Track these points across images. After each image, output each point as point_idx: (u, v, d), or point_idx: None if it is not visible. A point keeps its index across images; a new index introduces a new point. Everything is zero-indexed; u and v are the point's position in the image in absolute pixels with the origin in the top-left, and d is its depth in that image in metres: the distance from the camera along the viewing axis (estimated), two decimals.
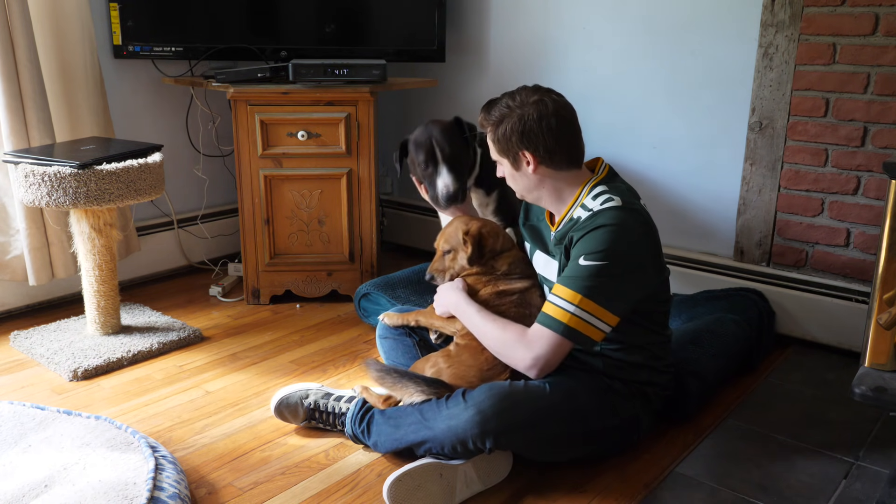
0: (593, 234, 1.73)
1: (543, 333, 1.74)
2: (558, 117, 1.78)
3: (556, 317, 1.73)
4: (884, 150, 2.36)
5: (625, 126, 2.87)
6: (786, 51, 2.46)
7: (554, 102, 1.79)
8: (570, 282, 1.73)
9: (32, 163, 2.27)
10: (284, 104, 2.72)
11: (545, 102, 1.78)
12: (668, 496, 1.77)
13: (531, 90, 1.82)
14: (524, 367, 1.77)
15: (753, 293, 2.59)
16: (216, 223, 3.37)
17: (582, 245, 1.74)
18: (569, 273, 1.75)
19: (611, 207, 1.76)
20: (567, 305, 1.72)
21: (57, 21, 2.63)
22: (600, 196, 1.80)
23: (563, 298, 1.72)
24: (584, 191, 1.84)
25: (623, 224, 1.74)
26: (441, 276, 2.05)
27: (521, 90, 1.83)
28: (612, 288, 1.72)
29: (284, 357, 2.49)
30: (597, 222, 1.74)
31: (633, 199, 1.83)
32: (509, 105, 1.80)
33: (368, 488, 1.79)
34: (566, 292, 1.72)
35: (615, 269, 1.72)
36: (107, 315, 2.53)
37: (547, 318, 1.75)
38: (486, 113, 1.85)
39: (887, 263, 1.66)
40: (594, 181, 1.84)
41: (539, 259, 1.97)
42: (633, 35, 2.78)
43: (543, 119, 1.77)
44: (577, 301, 1.71)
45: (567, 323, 1.71)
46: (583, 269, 1.72)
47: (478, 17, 3.18)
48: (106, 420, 1.96)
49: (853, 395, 1.66)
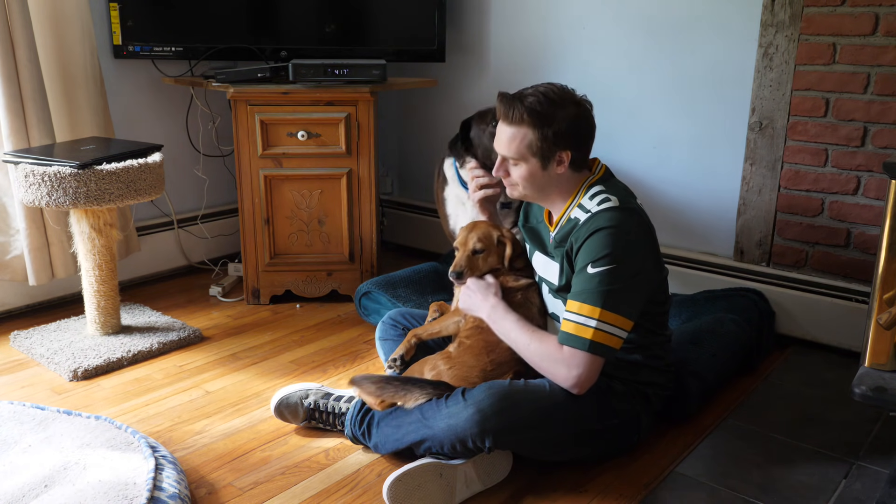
0: (594, 238, 1.73)
1: (576, 354, 1.72)
2: (592, 116, 1.82)
3: (580, 335, 1.71)
4: (884, 150, 2.36)
5: (625, 126, 2.87)
6: (786, 51, 2.46)
7: (586, 100, 1.81)
8: (586, 296, 1.72)
9: (32, 163, 2.27)
10: (284, 104, 2.72)
11: (583, 103, 1.80)
12: (668, 496, 1.77)
13: (558, 88, 1.79)
14: (566, 385, 1.76)
15: (753, 293, 2.59)
16: (216, 223, 3.37)
17: (586, 252, 1.74)
18: (581, 287, 1.73)
19: (608, 208, 1.76)
20: (588, 321, 1.71)
21: (57, 21, 2.63)
22: (597, 196, 1.80)
23: (584, 315, 1.71)
24: (581, 190, 1.84)
25: (621, 225, 1.74)
26: (470, 274, 2.02)
27: (547, 88, 1.78)
28: (624, 293, 1.72)
29: (284, 357, 2.49)
30: (596, 225, 1.74)
31: (629, 198, 1.83)
32: (552, 102, 1.75)
33: (368, 488, 1.79)
34: (585, 308, 1.71)
35: (623, 272, 1.72)
36: (107, 315, 2.53)
37: (572, 339, 1.73)
38: (519, 109, 1.76)
39: (887, 263, 1.66)
40: (591, 180, 1.85)
41: (538, 260, 1.97)
42: (633, 35, 2.78)
43: (585, 119, 1.79)
44: (597, 315, 1.70)
45: (592, 339, 1.71)
46: (593, 279, 1.71)
47: (478, 17, 3.18)
48: (106, 420, 1.96)
49: (853, 395, 1.66)
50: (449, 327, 2.04)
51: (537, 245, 1.99)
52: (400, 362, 2.02)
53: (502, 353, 1.88)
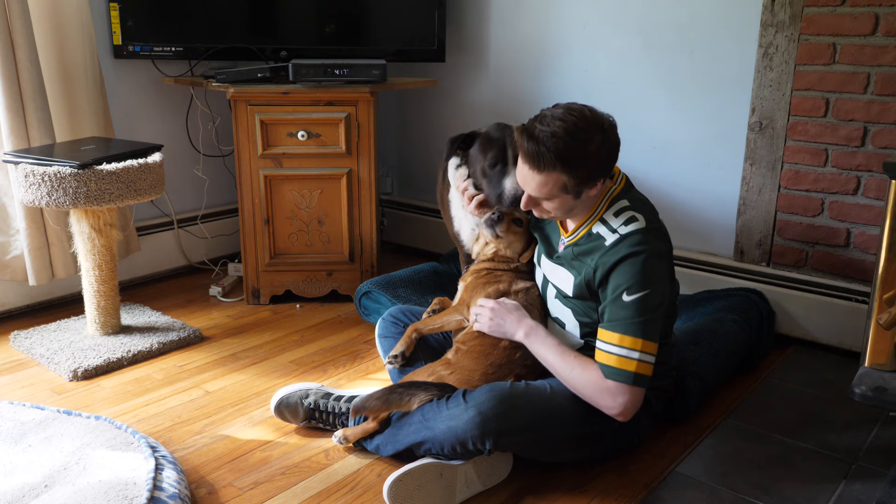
0: (628, 265, 1.70)
1: (619, 388, 1.70)
2: (618, 137, 1.74)
3: (625, 368, 1.69)
4: (884, 150, 2.36)
5: (625, 126, 2.82)
6: (786, 51, 2.46)
7: (609, 116, 1.72)
8: (626, 327, 1.69)
9: (32, 163, 2.27)
10: (284, 104, 2.72)
11: (609, 127, 1.70)
12: (668, 496, 1.77)
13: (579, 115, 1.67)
14: (612, 414, 1.74)
15: (753, 293, 2.59)
16: (216, 223, 3.37)
17: (619, 279, 1.70)
18: (618, 316, 1.71)
19: (637, 230, 1.73)
20: (631, 353, 1.69)
21: (57, 21, 2.63)
22: (623, 213, 1.77)
23: (626, 347, 1.69)
24: (603, 203, 1.80)
25: (654, 250, 1.72)
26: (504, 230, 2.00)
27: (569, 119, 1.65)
28: (657, 319, 1.72)
29: (284, 357, 2.49)
30: (627, 250, 1.71)
31: (653, 214, 1.80)
32: (579, 141, 1.65)
33: (368, 488, 1.79)
34: (627, 340, 1.69)
35: (655, 296, 1.70)
36: (107, 315, 2.53)
37: (617, 372, 1.70)
38: (548, 157, 1.65)
39: (887, 263, 1.66)
40: (615, 192, 1.81)
41: (545, 263, 1.96)
42: (633, 35, 2.78)
43: (614, 145, 1.72)
44: (639, 346, 1.69)
45: (636, 371, 1.69)
46: (630, 307, 1.69)
47: (478, 17, 3.18)
48: (106, 420, 1.96)
49: (853, 395, 1.67)
50: (451, 322, 2.03)
51: (545, 245, 1.98)
52: (401, 359, 2.01)
53: (502, 356, 1.88)
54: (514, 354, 1.88)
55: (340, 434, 1.90)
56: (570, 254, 1.85)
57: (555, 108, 1.71)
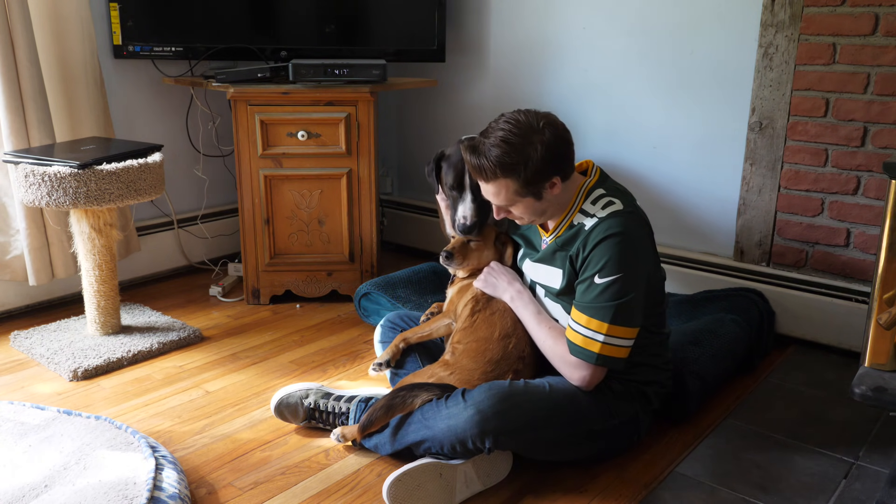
0: (604, 246, 1.72)
1: (580, 363, 1.76)
2: (562, 128, 1.76)
3: (588, 348, 1.74)
4: (884, 150, 2.36)
5: (625, 126, 2.87)
6: (786, 51, 2.46)
7: (547, 116, 1.75)
8: (594, 311, 1.73)
9: (32, 163, 2.27)
10: (284, 104, 2.72)
11: (545, 126, 1.72)
12: (668, 496, 1.77)
13: (515, 122, 1.72)
14: (574, 384, 1.80)
15: (753, 293, 2.59)
16: (216, 223, 3.37)
17: (595, 260, 1.74)
18: (588, 298, 1.74)
19: (615, 213, 1.76)
20: (596, 335, 1.73)
21: (57, 21, 2.63)
22: (600, 200, 1.80)
23: (592, 329, 1.73)
24: (579, 196, 1.83)
25: (630, 231, 1.74)
26: (460, 262, 2.04)
27: (506, 128, 1.71)
28: (630, 304, 1.73)
29: (284, 357, 2.49)
30: (605, 231, 1.73)
31: (630, 199, 1.84)
32: (516, 146, 1.69)
33: (368, 488, 1.79)
34: (593, 323, 1.73)
35: (630, 280, 1.72)
36: (107, 315, 2.53)
37: (580, 351, 1.76)
38: (489, 167, 1.71)
39: (887, 263, 1.66)
40: (588, 185, 1.84)
41: (528, 265, 1.98)
42: (632, 35, 2.78)
43: (556, 141, 1.73)
44: (604, 330, 1.72)
45: (600, 353, 1.74)
46: (601, 289, 1.72)
47: (478, 17, 3.18)
48: (106, 420, 1.96)
49: (853, 395, 1.66)
50: (439, 329, 2.06)
51: (527, 250, 2.00)
52: (385, 367, 2.03)
53: (498, 351, 1.89)
54: (508, 345, 1.89)
55: (339, 432, 1.91)
56: (552, 248, 1.88)
57: (497, 119, 1.76)
